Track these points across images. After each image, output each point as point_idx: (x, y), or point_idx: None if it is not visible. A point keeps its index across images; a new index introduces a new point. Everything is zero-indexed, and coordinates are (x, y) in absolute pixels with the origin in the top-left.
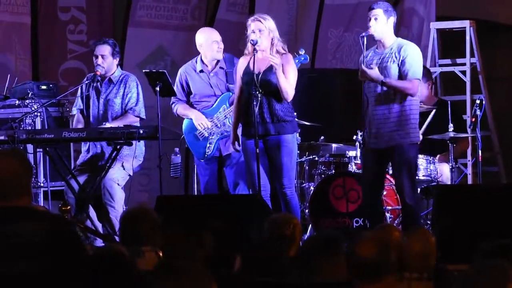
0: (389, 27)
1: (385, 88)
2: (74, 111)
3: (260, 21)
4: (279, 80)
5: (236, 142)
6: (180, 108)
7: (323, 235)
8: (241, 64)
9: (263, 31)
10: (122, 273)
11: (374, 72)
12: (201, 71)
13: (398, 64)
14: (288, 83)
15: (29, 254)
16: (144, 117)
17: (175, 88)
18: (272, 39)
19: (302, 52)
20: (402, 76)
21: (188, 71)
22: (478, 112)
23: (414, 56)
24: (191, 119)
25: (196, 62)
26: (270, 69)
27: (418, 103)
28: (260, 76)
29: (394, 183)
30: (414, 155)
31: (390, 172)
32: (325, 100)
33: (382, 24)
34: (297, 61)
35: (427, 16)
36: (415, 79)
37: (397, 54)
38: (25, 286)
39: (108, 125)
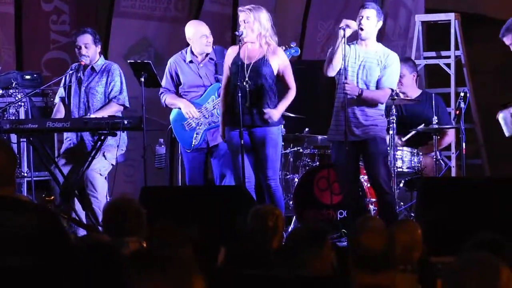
0: (376, 30)
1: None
2: (57, 99)
3: (246, 12)
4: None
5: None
6: (168, 98)
7: (308, 228)
8: (230, 54)
9: (249, 22)
10: (111, 263)
11: (354, 86)
12: (191, 61)
13: (381, 69)
14: (292, 92)
15: (16, 245)
16: (128, 105)
17: (164, 78)
18: (260, 31)
19: (293, 45)
20: (379, 81)
21: (178, 61)
22: (462, 105)
23: (395, 67)
24: (179, 109)
25: (186, 52)
26: (261, 60)
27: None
28: (250, 66)
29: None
30: (387, 147)
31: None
32: (310, 92)
33: (373, 25)
34: (288, 53)
35: (415, 8)
36: (388, 88)
37: (383, 59)
38: (12, 279)
39: (93, 116)
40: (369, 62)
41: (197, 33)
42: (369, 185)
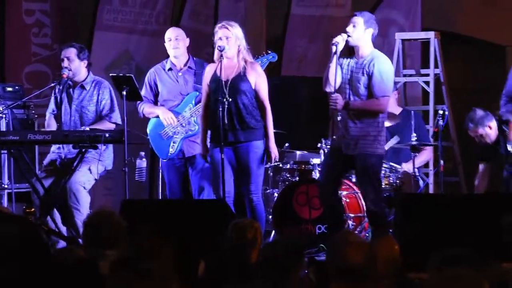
0: (367, 37)
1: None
2: (47, 115)
3: (227, 28)
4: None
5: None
6: (146, 107)
7: (288, 241)
8: (208, 71)
9: (230, 38)
10: (89, 278)
11: (340, 99)
12: (170, 69)
13: (367, 78)
14: (268, 111)
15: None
16: (120, 123)
17: (143, 87)
18: (238, 46)
19: (270, 52)
20: (370, 90)
21: (157, 71)
22: (440, 123)
23: (382, 72)
24: (156, 117)
25: (166, 62)
26: (239, 76)
27: (385, 118)
28: (228, 83)
29: (357, 191)
30: (378, 164)
31: (354, 180)
32: (290, 108)
33: (359, 32)
34: (265, 59)
35: (410, 26)
36: (382, 97)
37: (367, 67)
38: None
39: None
40: (356, 74)
41: (167, 37)
42: (348, 200)
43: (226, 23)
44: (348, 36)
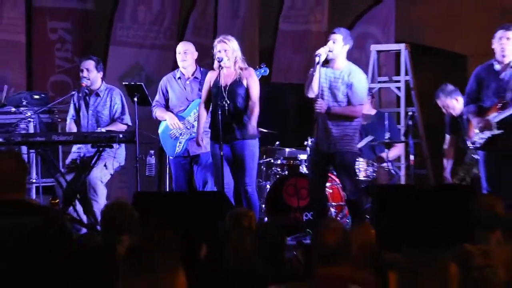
0: (344, 52)
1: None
2: (68, 120)
3: (225, 42)
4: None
5: (199, 140)
6: (158, 111)
7: (275, 225)
8: (210, 77)
9: (228, 50)
10: (102, 262)
11: (324, 104)
12: (179, 78)
13: (346, 87)
14: (254, 101)
15: (25, 244)
16: (130, 124)
17: (157, 93)
18: (235, 57)
19: (263, 66)
20: (348, 98)
21: (169, 79)
22: (410, 123)
23: (359, 83)
24: (165, 121)
25: (177, 71)
26: (235, 82)
27: (361, 122)
28: (227, 88)
29: (338, 182)
30: (354, 160)
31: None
32: (279, 110)
33: (338, 47)
34: (258, 73)
35: (385, 40)
36: (359, 105)
37: (347, 77)
38: (21, 280)
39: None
40: (334, 83)
41: (177, 50)
42: (331, 191)
43: (223, 38)
44: (330, 51)
